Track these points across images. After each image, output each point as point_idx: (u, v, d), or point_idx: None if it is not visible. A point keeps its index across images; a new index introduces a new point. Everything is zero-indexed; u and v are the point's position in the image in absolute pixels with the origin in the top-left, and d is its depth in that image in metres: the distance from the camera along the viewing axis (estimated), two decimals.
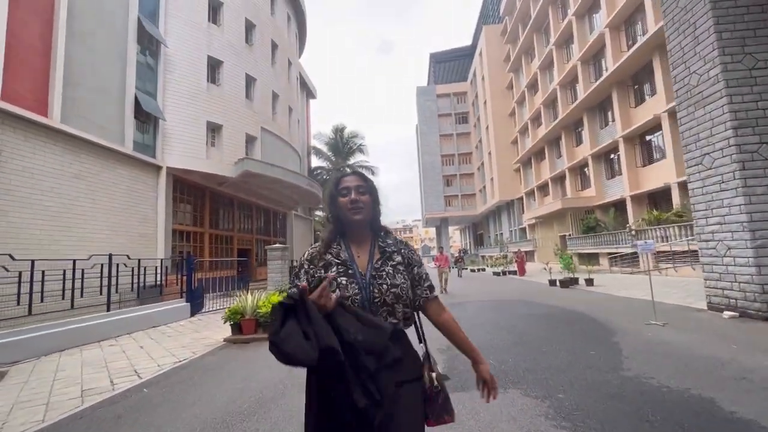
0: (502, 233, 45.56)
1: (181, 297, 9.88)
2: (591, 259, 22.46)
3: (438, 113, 56.03)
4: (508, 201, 41.66)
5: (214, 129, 17.30)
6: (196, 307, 10.15)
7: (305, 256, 1.42)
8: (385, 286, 1.30)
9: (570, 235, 24.80)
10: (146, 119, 14.48)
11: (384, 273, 1.33)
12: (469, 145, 54.88)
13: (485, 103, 44.36)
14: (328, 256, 1.37)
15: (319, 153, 34.53)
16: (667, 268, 13.51)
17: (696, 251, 13.04)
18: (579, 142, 26.26)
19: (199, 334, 7.18)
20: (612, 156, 22.36)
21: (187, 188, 16.70)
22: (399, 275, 1.35)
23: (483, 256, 44.00)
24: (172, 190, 15.42)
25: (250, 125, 18.97)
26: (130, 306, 9.16)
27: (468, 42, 56.66)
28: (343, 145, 34.32)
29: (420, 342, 1.47)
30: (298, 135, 28.29)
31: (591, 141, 23.64)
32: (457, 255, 21.01)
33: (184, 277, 9.88)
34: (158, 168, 14.66)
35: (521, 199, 38.96)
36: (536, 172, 33.98)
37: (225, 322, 6.50)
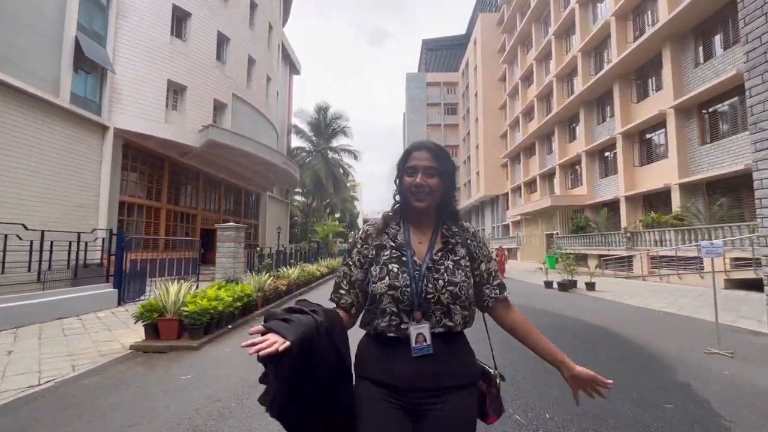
0: (484, 229, 44.77)
1: (107, 281, 8.01)
2: (579, 260, 21.57)
3: (427, 102, 54.42)
4: (492, 196, 40.73)
5: (176, 90, 15.13)
6: (132, 294, 8.32)
7: (359, 233, 1.27)
8: (441, 281, 1.13)
9: (557, 234, 23.87)
10: (91, 69, 12.25)
11: (443, 267, 1.15)
12: (457, 138, 53.65)
13: (476, 94, 43.03)
14: (385, 237, 1.21)
15: (299, 132, 32.36)
16: (670, 275, 12.51)
17: (695, 259, 12.14)
18: (573, 138, 25.25)
19: (109, 333, 5.43)
20: (607, 154, 21.40)
21: (141, 156, 14.55)
22: (460, 272, 1.16)
23: None
24: (121, 156, 13.30)
25: (220, 90, 16.84)
26: (60, 287, 7.33)
27: (462, 31, 55.03)
28: (326, 125, 32.26)
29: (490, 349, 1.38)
30: (277, 110, 26.12)
31: (586, 137, 22.62)
32: None
33: (114, 257, 7.99)
34: (104, 128, 12.51)
35: (506, 194, 38.06)
36: (524, 168, 33.00)
37: (136, 321, 4.78)
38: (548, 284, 11.38)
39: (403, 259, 1.15)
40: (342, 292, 1.21)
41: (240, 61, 18.46)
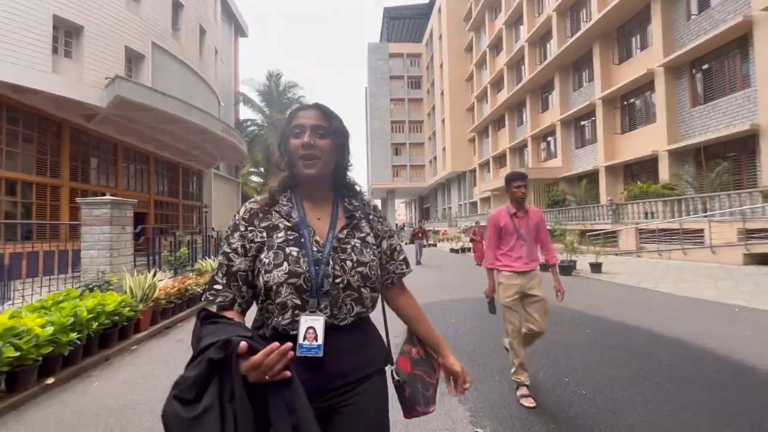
0: (450, 207, 43.47)
1: None
2: (553, 235, 20.44)
3: (390, 74, 51.48)
4: (459, 173, 39.26)
5: (69, 32, 11.60)
6: None
7: (242, 212, 1.02)
8: (349, 263, 0.98)
9: None
10: None
11: (349, 246, 1.01)
12: (421, 113, 51.49)
13: (441, 65, 40.79)
14: (275, 216, 1.00)
15: (248, 102, 28.67)
16: (671, 250, 11.19)
17: (700, 231, 10.92)
18: (546, 107, 23.81)
19: None
20: (584, 122, 20.08)
21: (25, 118, 11.08)
22: (368, 250, 1.03)
23: (430, 230, 41.63)
24: None
25: (133, 36, 13.35)
26: None
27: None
28: (278, 94, 28.79)
29: (385, 333, 1.16)
30: (219, 74, 22.47)
31: (561, 105, 21.17)
32: (417, 228, 15.77)
33: None
34: None
35: (474, 171, 36.68)
36: (493, 142, 31.55)
37: None
38: (544, 267, 9.59)
39: (302, 240, 0.96)
40: (218, 287, 0.96)
41: (161, 1, 14.87)
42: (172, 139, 16.16)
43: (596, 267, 8.72)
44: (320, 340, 0.89)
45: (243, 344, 0.72)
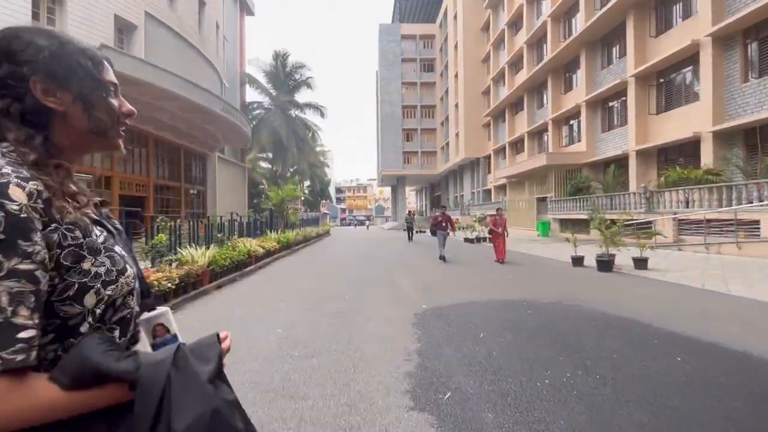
0: (462, 195, 42.09)
1: None
2: (575, 225, 19.15)
3: (402, 57, 49.67)
4: (473, 159, 37.78)
5: None
6: None
7: (25, 199, 0.57)
8: (131, 252, 0.79)
9: (551, 197, 21.24)
10: None
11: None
12: (433, 97, 49.77)
13: (456, 46, 38.95)
14: (72, 204, 0.66)
15: (254, 83, 27.54)
16: (721, 243, 9.89)
17: (756, 222, 9.60)
18: (569, 87, 22.18)
19: None
20: (612, 103, 18.51)
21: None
22: None
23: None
24: None
25: (123, 4, 12.30)
26: None
27: None
28: (285, 75, 27.60)
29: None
30: (221, 51, 21.36)
31: (587, 84, 19.58)
32: (438, 214, 12.14)
33: None
34: None
35: (488, 157, 35.17)
36: (510, 127, 29.98)
37: None
38: (577, 261, 8.44)
39: (111, 230, 0.74)
40: (30, 333, 0.55)
41: None
42: (171, 119, 15.25)
43: (641, 263, 7.53)
44: (174, 329, 0.76)
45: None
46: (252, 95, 28.71)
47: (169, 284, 4.80)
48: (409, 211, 25.15)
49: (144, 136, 15.87)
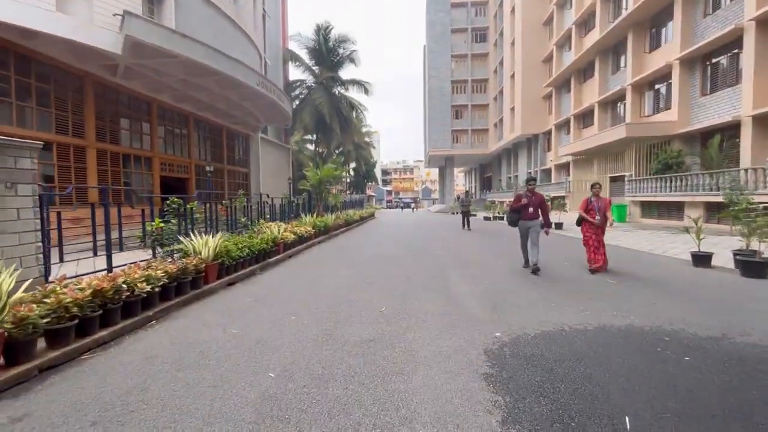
0: (516, 176, 38.85)
1: None
2: (662, 210, 16.18)
3: (451, 27, 46.32)
4: (530, 136, 34.43)
5: None
6: None
7: None
8: None
9: (630, 176, 18.18)
10: None
11: None
12: (486, 70, 46.09)
13: (513, 10, 35.19)
14: None
15: (296, 60, 26.50)
16: None
17: None
18: (656, 44, 18.60)
19: None
20: (717, 59, 15.02)
21: (38, 69, 9.78)
22: None
23: (493, 201, 37.67)
24: None
25: None
26: None
27: None
28: (328, 51, 26.23)
29: None
30: (263, 27, 20.39)
31: (683, 38, 16.10)
32: (524, 194, 6.88)
33: None
34: None
35: (548, 133, 31.73)
36: (576, 97, 26.47)
37: None
38: (700, 259, 6.27)
39: None
40: None
41: None
42: (209, 97, 14.58)
43: None
44: None
45: None
46: (294, 74, 27.81)
47: (149, 287, 3.62)
48: (466, 192, 22.98)
49: (183, 116, 15.41)
